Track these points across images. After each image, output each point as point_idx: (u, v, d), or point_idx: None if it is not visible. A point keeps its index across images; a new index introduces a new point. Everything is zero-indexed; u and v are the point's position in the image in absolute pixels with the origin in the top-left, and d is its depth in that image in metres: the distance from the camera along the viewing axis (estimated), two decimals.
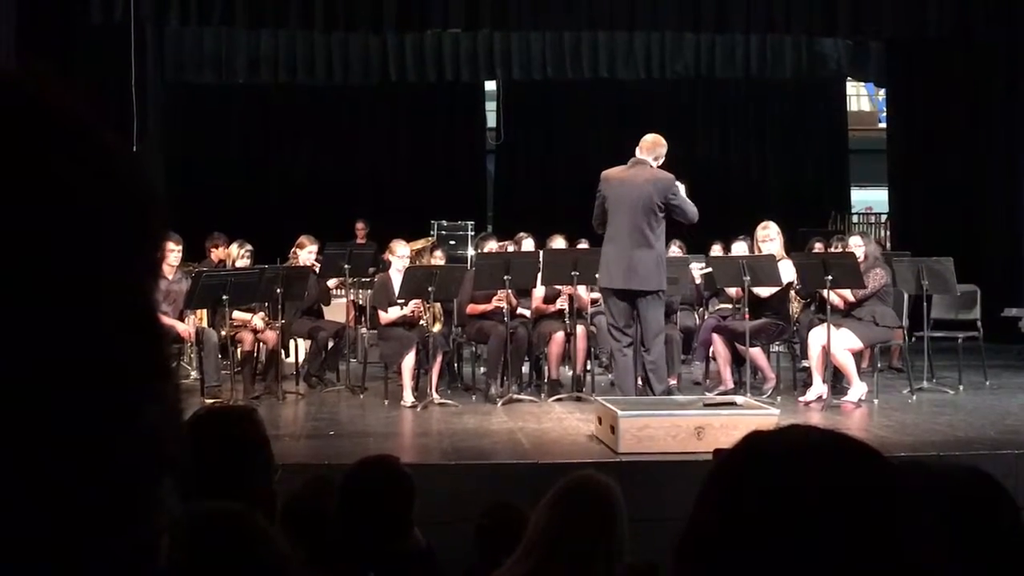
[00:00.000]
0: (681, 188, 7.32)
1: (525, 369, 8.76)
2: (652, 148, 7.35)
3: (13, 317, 0.48)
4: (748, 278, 7.83)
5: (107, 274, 0.51)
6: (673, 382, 8.09)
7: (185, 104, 14.54)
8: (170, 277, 8.32)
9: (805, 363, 8.42)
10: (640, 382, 7.40)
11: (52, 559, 0.48)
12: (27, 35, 10.01)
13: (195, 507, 1.56)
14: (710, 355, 8.71)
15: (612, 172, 7.41)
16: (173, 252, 8.33)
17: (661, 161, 7.37)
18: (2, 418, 0.47)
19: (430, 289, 7.80)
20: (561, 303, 8.51)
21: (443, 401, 7.87)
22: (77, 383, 0.50)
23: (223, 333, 8.10)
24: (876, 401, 7.87)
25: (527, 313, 8.55)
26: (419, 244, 11.00)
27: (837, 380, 7.94)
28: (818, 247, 9.74)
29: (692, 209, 7.28)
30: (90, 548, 0.49)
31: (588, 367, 8.59)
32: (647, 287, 7.18)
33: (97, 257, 0.51)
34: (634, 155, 7.40)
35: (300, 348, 9.13)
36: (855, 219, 16.28)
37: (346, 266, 9.01)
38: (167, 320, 8.05)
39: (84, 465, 0.49)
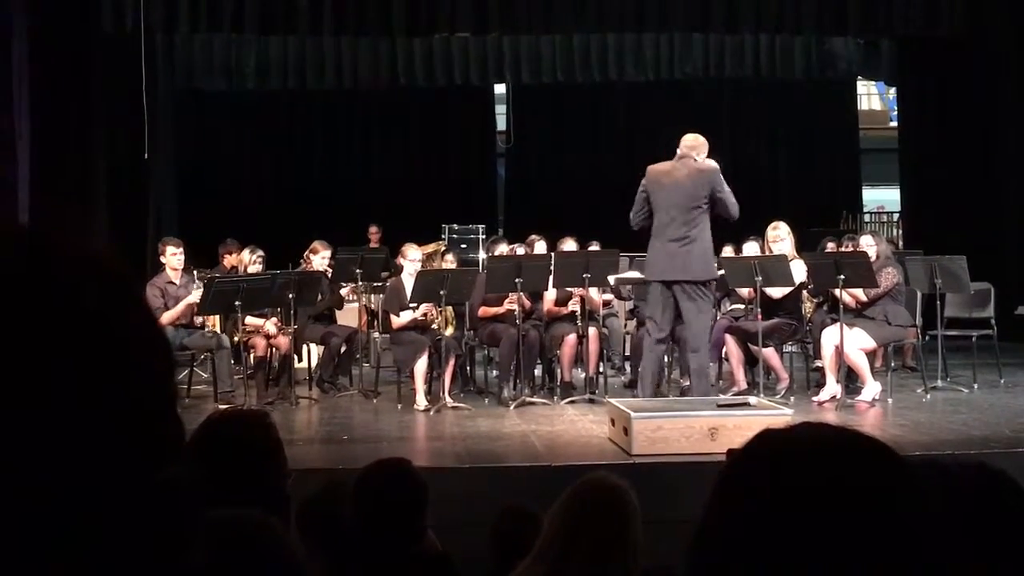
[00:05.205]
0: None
1: (537, 372, 8.75)
2: (693, 147, 7.42)
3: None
4: (760, 278, 7.81)
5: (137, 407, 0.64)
6: (686, 383, 8.09)
7: (196, 111, 14.59)
8: (177, 281, 8.36)
9: (818, 363, 8.40)
10: (656, 384, 7.44)
11: None
12: (39, 44, 10.06)
13: (212, 515, 1.56)
14: (723, 356, 8.69)
15: (657, 168, 7.47)
16: (176, 255, 8.38)
17: (704, 155, 7.42)
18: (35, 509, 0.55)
19: (442, 293, 7.80)
20: (573, 305, 8.50)
21: (456, 404, 7.87)
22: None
23: (236, 339, 8.12)
24: (890, 400, 7.84)
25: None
26: (430, 248, 11.00)
27: (851, 380, 7.92)
28: (830, 247, 9.70)
29: (734, 203, 7.29)
30: None
31: (600, 369, 8.58)
32: (688, 277, 7.21)
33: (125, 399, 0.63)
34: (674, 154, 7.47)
35: (313, 353, 9.14)
36: (867, 218, 16.20)
37: (358, 271, 9.03)
38: (169, 315, 8.04)
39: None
